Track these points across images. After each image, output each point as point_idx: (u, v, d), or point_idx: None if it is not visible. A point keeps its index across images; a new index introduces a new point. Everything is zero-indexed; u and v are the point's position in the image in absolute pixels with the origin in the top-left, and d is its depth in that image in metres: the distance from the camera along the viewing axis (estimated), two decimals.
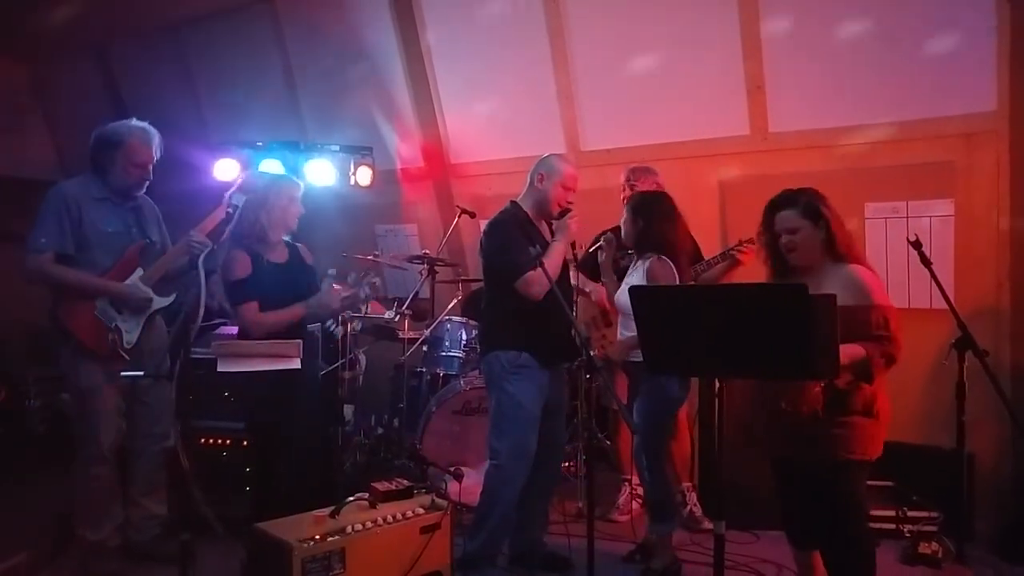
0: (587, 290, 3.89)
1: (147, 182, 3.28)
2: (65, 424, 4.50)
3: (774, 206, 2.62)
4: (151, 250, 3.27)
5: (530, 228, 3.16)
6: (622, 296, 3.23)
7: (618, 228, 3.40)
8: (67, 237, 3.08)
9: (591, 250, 3.50)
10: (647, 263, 3.18)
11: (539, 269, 2.88)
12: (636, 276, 3.23)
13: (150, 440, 3.29)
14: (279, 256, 3.27)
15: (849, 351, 2.33)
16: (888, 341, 2.40)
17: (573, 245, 3.13)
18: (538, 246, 3.01)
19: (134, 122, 3.26)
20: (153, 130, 3.26)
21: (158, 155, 3.27)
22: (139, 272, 3.19)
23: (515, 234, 3.08)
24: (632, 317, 3.17)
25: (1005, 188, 3.53)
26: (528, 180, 3.22)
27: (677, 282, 3.11)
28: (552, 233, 3.17)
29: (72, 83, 6.25)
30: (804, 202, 2.57)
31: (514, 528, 3.19)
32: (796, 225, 2.55)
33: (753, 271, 3.20)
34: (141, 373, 3.01)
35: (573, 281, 3.43)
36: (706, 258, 3.75)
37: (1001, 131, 3.50)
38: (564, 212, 3.13)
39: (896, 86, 3.72)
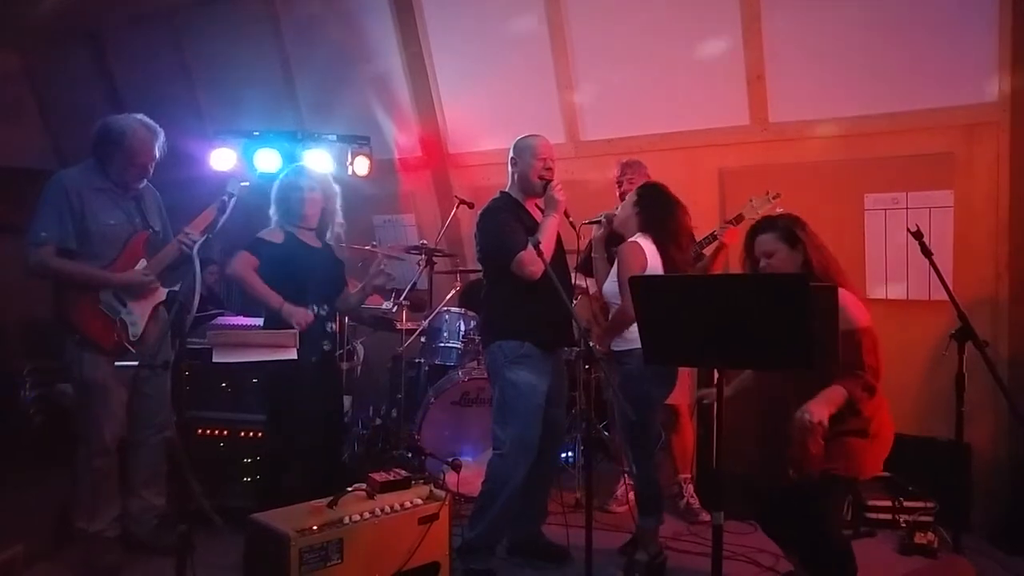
0: (584, 285, 3.88)
1: (145, 178, 3.24)
2: (62, 415, 4.49)
3: (754, 231, 2.69)
4: (155, 240, 3.25)
5: (521, 212, 3.16)
6: (609, 286, 3.22)
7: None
8: (68, 230, 3.02)
9: (589, 223, 3.41)
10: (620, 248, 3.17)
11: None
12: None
13: (150, 431, 3.27)
14: (311, 240, 3.40)
15: (830, 396, 2.37)
16: (864, 371, 2.42)
17: (567, 213, 3.12)
18: (536, 236, 3.00)
19: (138, 119, 3.17)
20: (157, 128, 3.19)
21: (160, 154, 3.20)
22: (143, 263, 3.17)
23: (506, 218, 3.09)
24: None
25: (1005, 179, 3.53)
26: (508, 170, 3.24)
27: (645, 264, 3.06)
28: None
29: (66, 71, 6.20)
30: (782, 226, 2.64)
31: (513, 518, 3.19)
32: (773, 248, 2.62)
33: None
34: (136, 363, 2.99)
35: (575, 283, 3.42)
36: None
37: (1002, 122, 3.49)
38: (547, 184, 3.12)
39: (896, 76, 3.71)
